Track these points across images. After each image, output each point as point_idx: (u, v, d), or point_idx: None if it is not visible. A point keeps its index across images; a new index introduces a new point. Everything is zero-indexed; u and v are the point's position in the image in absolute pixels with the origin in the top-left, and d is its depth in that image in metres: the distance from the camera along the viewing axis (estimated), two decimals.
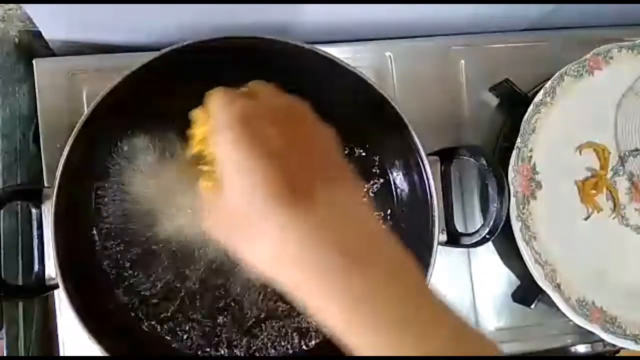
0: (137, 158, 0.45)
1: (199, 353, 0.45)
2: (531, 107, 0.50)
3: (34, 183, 0.49)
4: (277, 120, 0.30)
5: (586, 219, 0.52)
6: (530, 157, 0.50)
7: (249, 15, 0.48)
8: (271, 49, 0.43)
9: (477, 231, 0.45)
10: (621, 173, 0.53)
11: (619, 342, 0.49)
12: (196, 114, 0.33)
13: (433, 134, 0.50)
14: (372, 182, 0.48)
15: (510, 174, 0.49)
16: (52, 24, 0.47)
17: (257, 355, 0.46)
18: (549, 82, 0.51)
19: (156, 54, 0.41)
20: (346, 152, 0.48)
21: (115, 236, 0.45)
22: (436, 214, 0.43)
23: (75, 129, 0.40)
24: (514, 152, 0.49)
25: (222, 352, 0.46)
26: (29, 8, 0.44)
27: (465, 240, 0.45)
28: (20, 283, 0.47)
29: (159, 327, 0.45)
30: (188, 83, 0.45)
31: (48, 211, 0.40)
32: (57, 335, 0.47)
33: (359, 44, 0.54)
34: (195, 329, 0.45)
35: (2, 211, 0.43)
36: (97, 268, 0.45)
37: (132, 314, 0.45)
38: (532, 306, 0.51)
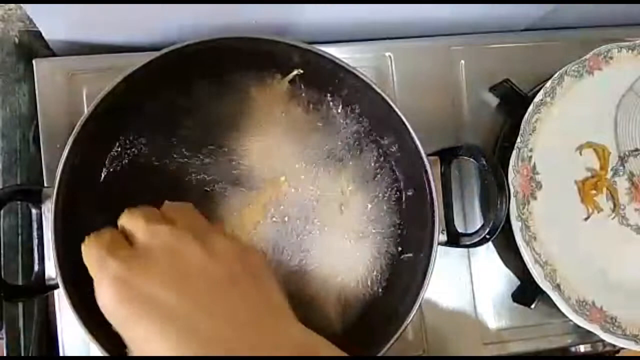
0: (137, 158, 0.45)
1: None
2: (531, 107, 0.50)
3: (34, 183, 0.49)
4: (166, 266, 0.33)
5: (586, 219, 0.52)
6: (530, 157, 0.50)
7: (249, 15, 0.48)
8: (271, 49, 0.43)
9: (477, 231, 0.45)
10: (621, 173, 0.53)
11: (619, 342, 0.49)
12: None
13: (433, 134, 0.50)
14: (371, 182, 0.48)
15: (510, 174, 0.49)
16: (52, 24, 0.47)
17: None
18: (549, 82, 0.51)
19: (156, 54, 0.41)
20: (346, 152, 0.48)
21: None
22: (436, 214, 0.43)
23: (75, 129, 0.40)
24: (514, 152, 0.49)
25: None
26: (29, 8, 0.44)
27: (465, 240, 0.45)
28: (20, 283, 0.47)
29: None
30: (188, 83, 0.46)
31: (48, 211, 0.40)
32: (57, 335, 0.47)
33: (359, 44, 0.54)
34: None
35: (2, 211, 0.43)
36: None
37: None
38: (532, 306, 0.51)
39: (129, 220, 0.36)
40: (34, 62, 0.49)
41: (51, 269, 0.40)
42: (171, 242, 0.34)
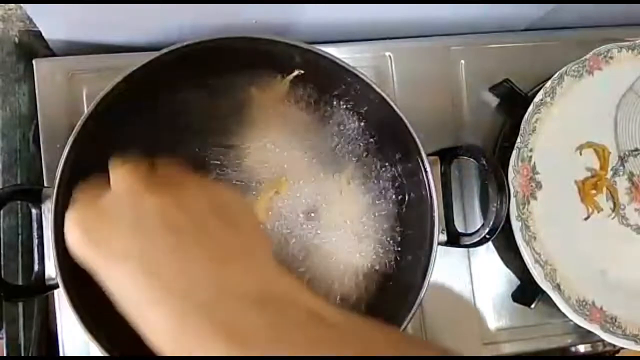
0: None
1: None
2: (531, 107, 0.50)
3: (34, 183, 0.49)
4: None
5: (586, 219, 0.52)
6: (530, 157, 0.50)
7: (249, 15, 0.48)
8: (271, 49, 0.43)
9: (477, 231, 0.45)
10: (621, 173, 0.53)
11: (619, 342, 0.49)
12: None
13: (433, 134, 0.50)
14: (371, 182, 0.48)
15: (510, 174, 0.49)
16: (52, 24, 0.47)
17: None
18: (549, 82, 0.51)
19: (156, 54, 0.41)
20: (346, 152, 0.48)
21: None
22: (436, 214, 0.43)
23: (75, 129, 0.40)
24: (514, 152, 0.49)
25: None
26: (29, 8, 0.44)
27: (465, 240, 0.45)
28: (20, 283, 0.47)
29: None
30: (188, 83, 0.46)
31: (48, 211, 0.40)
32: (57, 335, 0.47)
33: (359, 44, 0.54)
34: None
35: (2, 211, 0.43)
36: None
37: None
38: (532, 306, 0.51)
39: (112, 169, 0.37)
40: (34, 62, 0.49)
41: (51, 269, 0.40)
42: (140, 193, 0.34)
